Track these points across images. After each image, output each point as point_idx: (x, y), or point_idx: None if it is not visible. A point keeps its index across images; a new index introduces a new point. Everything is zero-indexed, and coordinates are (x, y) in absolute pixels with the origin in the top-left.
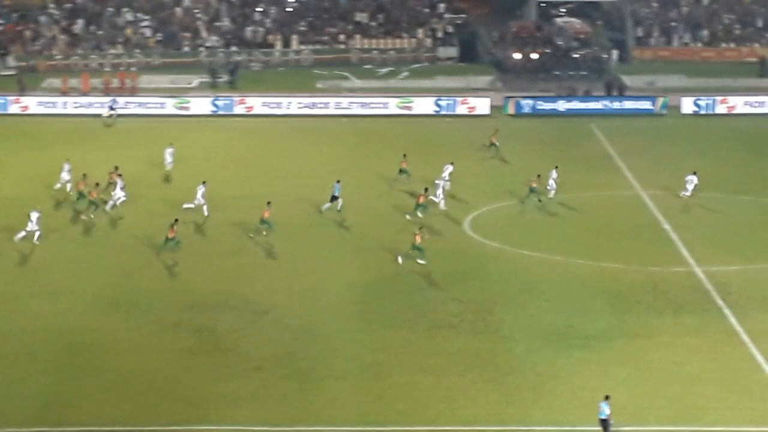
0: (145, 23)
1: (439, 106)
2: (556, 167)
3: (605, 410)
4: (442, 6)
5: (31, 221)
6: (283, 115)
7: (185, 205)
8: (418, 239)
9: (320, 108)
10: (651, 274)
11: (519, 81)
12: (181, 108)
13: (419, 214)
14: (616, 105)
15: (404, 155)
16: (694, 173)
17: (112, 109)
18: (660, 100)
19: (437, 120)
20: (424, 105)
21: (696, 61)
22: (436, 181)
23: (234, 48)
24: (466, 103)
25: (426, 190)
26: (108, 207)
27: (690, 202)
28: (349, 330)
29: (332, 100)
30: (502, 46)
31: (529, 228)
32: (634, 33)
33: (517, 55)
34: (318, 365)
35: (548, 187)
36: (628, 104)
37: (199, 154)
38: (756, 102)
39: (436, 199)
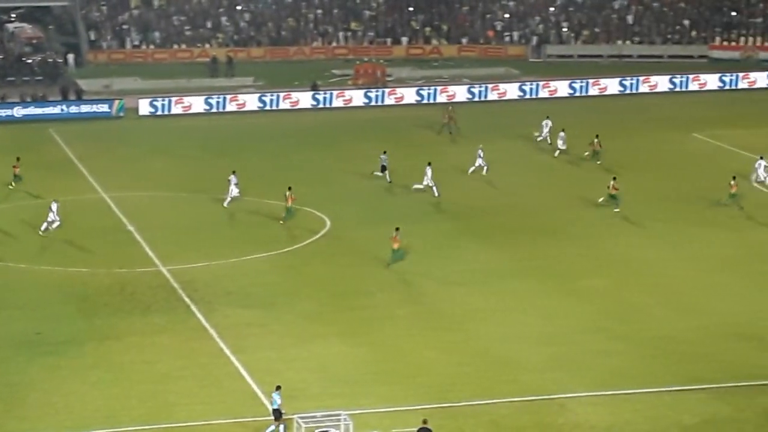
0: None
1: None
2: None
3: (277, 400)
4: None
5: (52, 212)
6: None
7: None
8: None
9: None
10: (118, 276)
11: None
12: None
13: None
14: (74, 109)
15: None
16: (761, 157)
17: None
18: (117, 103)
19: None
20: None
21: (150, 63)
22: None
23: None
24: None
25: (290, 187)
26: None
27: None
28: None
29: None
30: None
31: None
32: (87, 36)
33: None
34: None
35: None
36: (86, 108)
37: None
38: (211, 102)
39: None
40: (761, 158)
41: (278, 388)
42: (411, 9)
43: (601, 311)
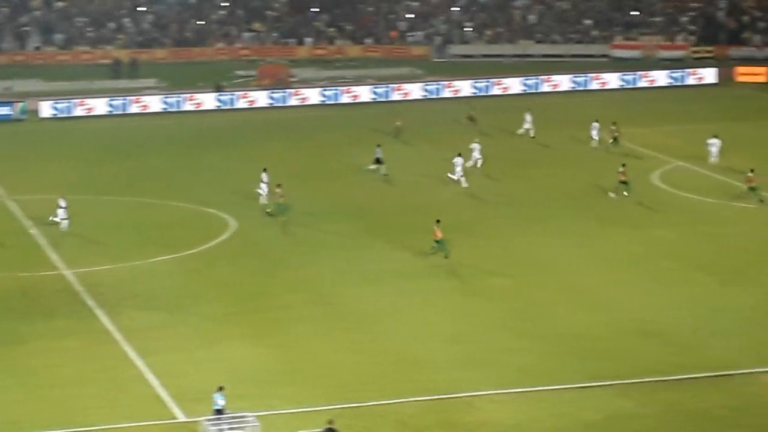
0: None
1: None
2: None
3: (219, 401)
4: None
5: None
6: None
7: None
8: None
9: None
10: (21, 280)
11: None
12: None
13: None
14: None
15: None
16: (715, 136)
17: None
18: (18, 105)
19: None
20: None
21: (52, 64)
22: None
23: None
24: None
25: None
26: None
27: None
28: None
29: None
30: None
31: None
32: None
33: None
34: None
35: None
36: None
37: None
38: (114, 104)
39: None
40: (714, 137)
41: (221, 388)
42: (315, 10)
43: (507, 309)
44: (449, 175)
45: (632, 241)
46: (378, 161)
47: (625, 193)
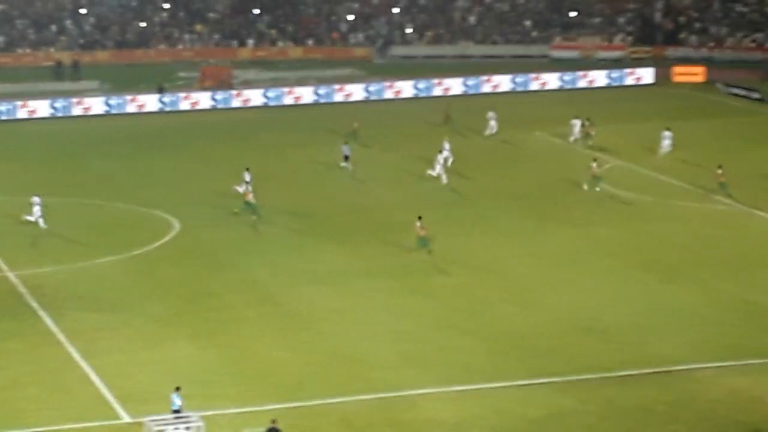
0: None
1: None
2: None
3: (177, 401)
4: None
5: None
6: None
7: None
8: (422, 232)
9: None
10: None
11: None
12: None
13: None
14: None
15: None
16: (668, 129)
17: None
18: None
19: None
20: None
21: None
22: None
23: None
24: None
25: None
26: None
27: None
28: None
29: None
30: None
31: None
32: None
33: None
34: None
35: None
36: None
37: None
38: (57, 106)
39: None
40: (667, 129)
41: (178, 389)
42: (256, 11)
43: (450, 308)
44: (429, 172)
45: (574, 239)
46: (346, 158)
47: (597, 189)
